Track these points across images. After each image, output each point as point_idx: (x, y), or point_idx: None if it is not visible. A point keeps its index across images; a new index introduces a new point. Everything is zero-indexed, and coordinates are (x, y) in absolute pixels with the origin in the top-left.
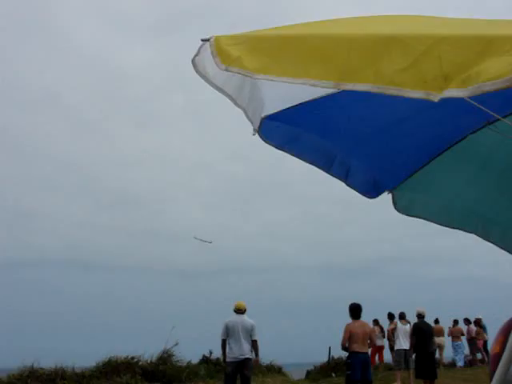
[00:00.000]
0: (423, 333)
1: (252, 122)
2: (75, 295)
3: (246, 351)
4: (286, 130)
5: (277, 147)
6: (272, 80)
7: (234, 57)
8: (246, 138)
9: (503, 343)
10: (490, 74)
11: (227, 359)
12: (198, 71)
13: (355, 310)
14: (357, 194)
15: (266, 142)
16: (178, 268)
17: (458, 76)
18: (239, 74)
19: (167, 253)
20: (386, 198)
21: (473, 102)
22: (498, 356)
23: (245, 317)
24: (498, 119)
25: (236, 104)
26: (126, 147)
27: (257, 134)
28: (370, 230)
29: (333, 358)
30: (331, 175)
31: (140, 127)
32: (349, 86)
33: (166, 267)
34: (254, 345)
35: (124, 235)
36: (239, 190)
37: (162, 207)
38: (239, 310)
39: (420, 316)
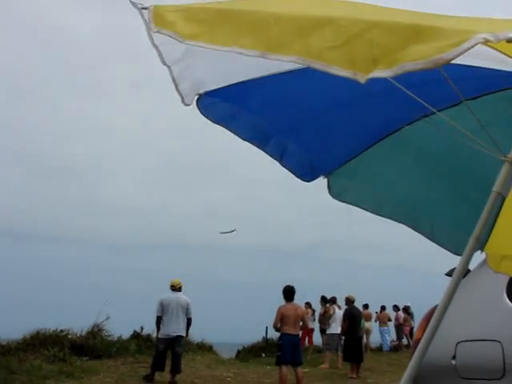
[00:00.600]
0: (354, 318)
1: (183, 96)
2: (3, 265)
3: (180, 328)
4: (224, 106)
5: (214, 122)
6: (201, 47)
7: (167, 21)
8: (191, 116)
9: (425, 329)
10: (415, 56)
11: (160, 336)
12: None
13: (288, 293)
14: (296, 178)
15: (203, 116)
16: (112, 242)
17: (385, 58)
18: (170, 36)
19: (102, 226)
20: (322, 182)
21: (410, 94)
22: (420, 341)
23: (180, 294)
24: (434, 112)
25: (171, 75)
26: (66, 116)
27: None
28: (306, 214)
29: (267, 338)
30: (267, 154)
31: (82, 96)
32: (274, 57)
33: (101, 240)
34: (188, 322)
35: (59, 206)
36: (180, 167)
37: (100, 179)
38: (175, 288)
39: (350, 302)
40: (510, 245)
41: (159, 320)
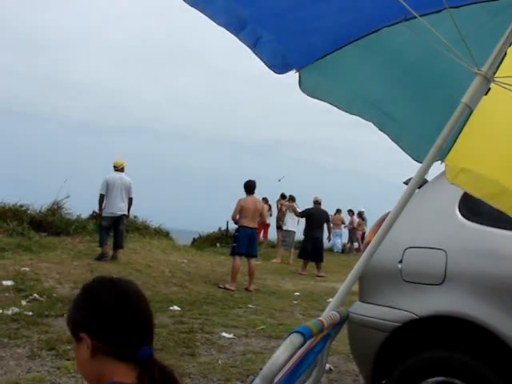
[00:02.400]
0: (312, 217)
1: None
2: None
3: (123, 208)
4: None
5: (190, 4)
6: None
7: None
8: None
9: (375, 233)
10: None
11: (104, 214)
12: None
13: (249, 186)
14: (266, 74)
15: None
16: (75, 122)
17: None
18: None
19: (66, 104)
20: (294, 81)
21: None
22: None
23: (123, 175)
24: (415, 17)
25: None
26: None
27: None
28: (273, 111)
29: (227, 231)
30: (240, 40)
31: None
32: None
33: (64, 119)
34: (130, 201)
35: (22, 80)
36: (150, 51)
37: (67, 56)
38: (118, 168)
39: (314, 202)
40: (470, 159)
41: (102, 198)
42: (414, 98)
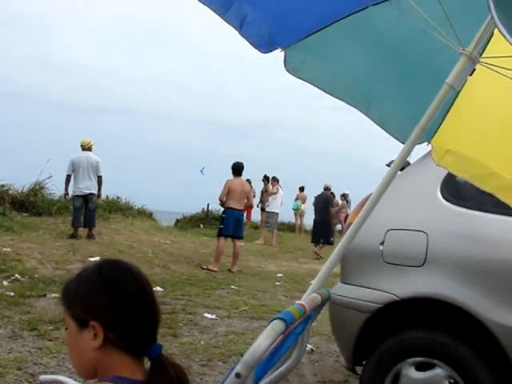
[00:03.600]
0: (315, 203)
1: None
2: None
3: (90, 186)
4: None
5: None
6: None
7: None
8: None
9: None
10: None
11: (74, 193)
12: None
13: (237, 168)
14: (252, 55)
15: None
16: (58, 101)
17: None
18: None
19: (48, 83)
20: (279, 62)
21: None
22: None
23: (90, 153)
24: None
25: None
26: None
27: None
28: (258, 92)
29: (207, 213)
30: (225, 21)
31: None
32: None
33: (46, 98)
34: (99, 180)
35: (3, 60)
36: (133, 31)
37: (48, 35)
38: (85, 147)
39: (326, 189)
40: (456, 140)
41: (68, 178)
42: (400, 79)
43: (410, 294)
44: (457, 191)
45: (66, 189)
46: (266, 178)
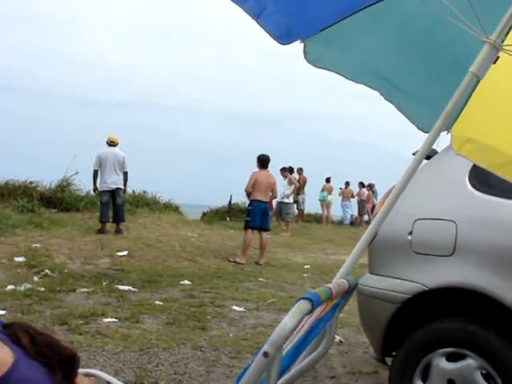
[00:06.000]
0: None
1: None
2: None
3: (117, 181)
4: None
5: None
6: None
7: None
8: None
9: None
10: None
11: (100, 188)
12: None
13: (264, 161)
14: (277, 47)
15: None
16: (83, 97)
17: None
18: None
19: (74, 79)
20: (300, 53)
21: None
22: None
23: (116, 149)
24: None
25: None
26: None
27: None
28: (283, 84)
29: (230, 207)
30: (245, 11)
31: None
32: None
33: (71, 94)
34: (125, 176)
35: (29, 57)
36: (157, 24)
37: (73, 31)
38: (111, 143)
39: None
40: (476, 129)
41: (96, 173)
42: (422, 68)
43: (439, 283)
44: (485, 179)
45: (95, 183)
46: (289, 170)
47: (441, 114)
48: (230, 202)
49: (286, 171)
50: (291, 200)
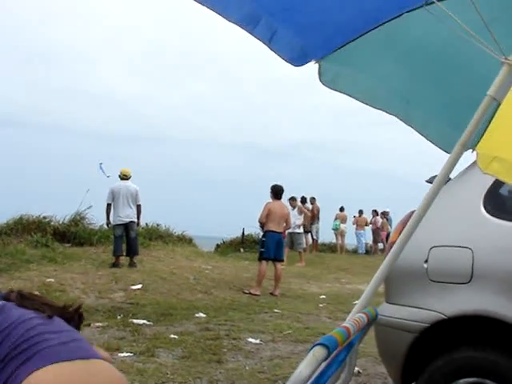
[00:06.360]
0: None
1: None
2: None
3: (130, 214)
4: None
5: (199, 2)
6: None
7: None
8: (179, 4)
9: (401, 232)
10: None
11: (114, 222)
12: None
13: (277, 191)
14: (284, 75)
15: None
16: (95, 131)
17: None
18: None
19: (85, 115)
20: (313, 83)
21: None
22: (394, 243)
23: (129, 182)
24: (434, 2)
25: None
26: None
27: None
28: (292, 114)
29: (243, 239)
30: (255, 37)
31: None
32: None
33: (83, 129)
34: (138, 209)
35: (42, 92)
36: (167, 58)
37: (85, 67)
38: (124, 176)
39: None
40: (503, 147)
41: (109, 207)
42: (440, 87)
43: (457, 311)
44: (500, 204)
45: (108, 217)
46: (301, 199)
47: (461, 133)
48: (243, 233)
49: (295, 201)
50: (301, 230)
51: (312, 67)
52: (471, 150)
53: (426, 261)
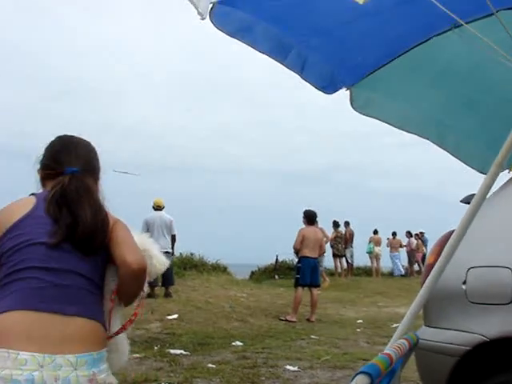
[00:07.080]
0: None
1: (197, 6)
2: (20, 188)
3: (165, 245)
4: (239, 16)
5: (229, 34)
6: None
7: None
8: (204, 34)
9: (438, 254)
10: None
11: None
12: None
13: (311, 217)
14: (311, 100)
15: (217, 29)
16: (126, 164)
17: None
18: None
19: (117, 147)
20: (341, 106)
21: (439, 5)
22: (432, 266)
23: (163, 213)
24: (462, 24)
25: None
26: (78, 35)
27: (209, 20)
28: (320, 138)
29: (276, 266)
30: (286, 67)
31: (94, 16)
32: None
33: (115, 162)
34: (173, 239)
35: (72, 127)
36: (194, 88)
37: (114, 100)
38: (158, 207)
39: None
40: None
41: None
42: (473, 108)
43: (499, 333)
44: None
45: None
46: (335, 224)
47: (496, 152)
48: (277, 260)
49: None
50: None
51: (341, 93)
52: (507, 170)
53: (465, 282)
